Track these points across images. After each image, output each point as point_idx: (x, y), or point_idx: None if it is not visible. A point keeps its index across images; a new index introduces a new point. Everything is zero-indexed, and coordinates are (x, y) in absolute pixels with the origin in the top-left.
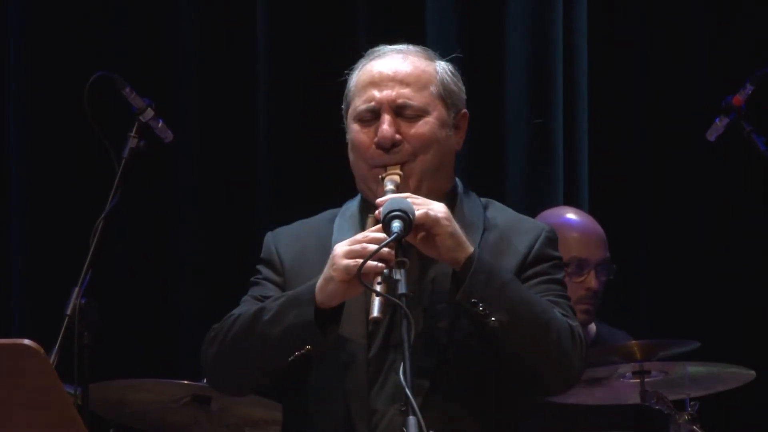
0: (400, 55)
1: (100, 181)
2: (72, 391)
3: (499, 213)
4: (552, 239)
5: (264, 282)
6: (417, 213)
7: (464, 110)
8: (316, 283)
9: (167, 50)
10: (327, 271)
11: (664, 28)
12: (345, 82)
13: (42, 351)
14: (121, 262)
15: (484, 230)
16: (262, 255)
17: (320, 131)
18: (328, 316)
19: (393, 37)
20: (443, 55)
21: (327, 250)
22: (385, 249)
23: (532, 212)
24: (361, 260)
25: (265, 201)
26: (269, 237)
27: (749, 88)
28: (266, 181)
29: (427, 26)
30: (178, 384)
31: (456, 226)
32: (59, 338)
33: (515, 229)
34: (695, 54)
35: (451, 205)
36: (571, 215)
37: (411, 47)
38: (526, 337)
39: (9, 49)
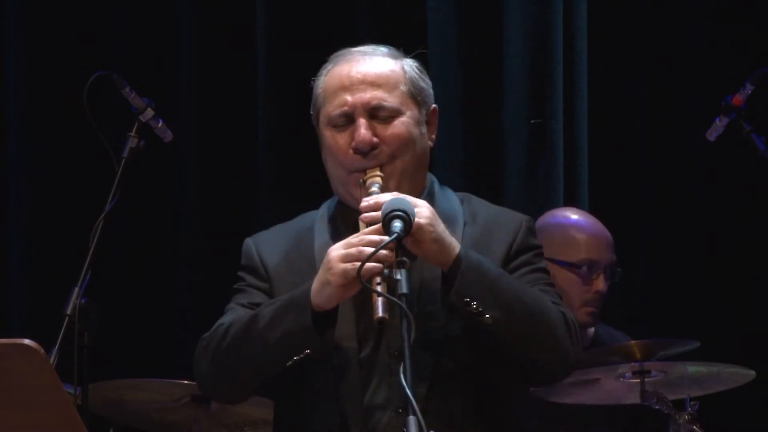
0: (367, 57)
1: (100, 181)
2: (72, 391)
3: (478, 207)
4: (532, 228)
5: (249, 289)
6: None
7: (434, 106)
8: (310, 287)
9: (167, 50)
10: (322, 275)
11: (664, 28)
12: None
13: (42, 351)
14: (121, 262)
15: (465, 225)
16: (243, 262)
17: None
18: (324, 320)
19: (393, 37)
20: (443, 56)
21: (309, 254)
22: (384, 250)
23: (532, 212)
24: (358, 263)
25: (265, 201)
26: (249, 243)
27: (749, 88)
28: (266, 181)
29: (428, 26)
30: (177, 384)
31: (440, 229)
32: (59, 338)
33: (496, 221)
34: (695, 54)
35: (429, 202)
36: (580, 216)
37: (376, 47)
38: (521, 330)
39: (9, 49)
